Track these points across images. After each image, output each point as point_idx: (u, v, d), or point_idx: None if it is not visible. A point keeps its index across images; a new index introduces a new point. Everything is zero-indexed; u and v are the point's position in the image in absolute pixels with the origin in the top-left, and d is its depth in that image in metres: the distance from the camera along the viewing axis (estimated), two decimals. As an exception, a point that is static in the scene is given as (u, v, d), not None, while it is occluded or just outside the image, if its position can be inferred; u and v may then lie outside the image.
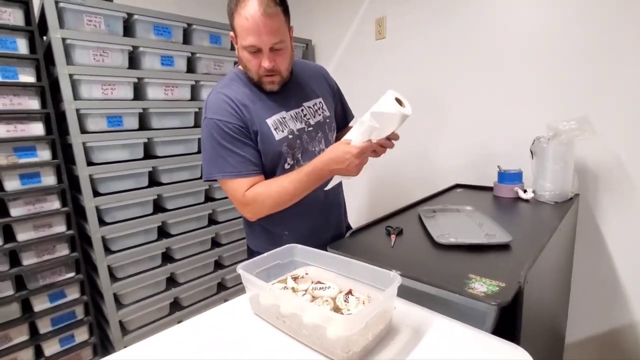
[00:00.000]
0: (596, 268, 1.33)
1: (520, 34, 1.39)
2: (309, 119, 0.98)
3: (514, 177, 1.27)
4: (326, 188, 0.94)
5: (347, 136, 0.84)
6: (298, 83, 1.00)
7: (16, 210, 1.30)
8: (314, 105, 1.00)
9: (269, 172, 0.94)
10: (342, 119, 1.15)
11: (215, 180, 0.92)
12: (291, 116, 0.95)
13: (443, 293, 0.65)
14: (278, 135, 0.91)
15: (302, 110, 0.97)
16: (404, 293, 0.69)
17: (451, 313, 0.65)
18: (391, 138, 0.86)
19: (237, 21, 0.83)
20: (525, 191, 1.24)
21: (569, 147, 1.15)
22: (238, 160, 0.88)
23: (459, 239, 0.86)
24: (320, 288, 0.67)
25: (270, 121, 0.91)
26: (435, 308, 0.67)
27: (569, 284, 1.38)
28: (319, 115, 1.00)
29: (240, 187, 0.89)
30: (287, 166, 0.94)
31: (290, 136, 0.93)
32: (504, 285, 0.64)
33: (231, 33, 0.89)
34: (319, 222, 1.03)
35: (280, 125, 0.93)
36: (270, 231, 1.02)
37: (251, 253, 1.08)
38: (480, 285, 0.64)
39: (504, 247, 0.82)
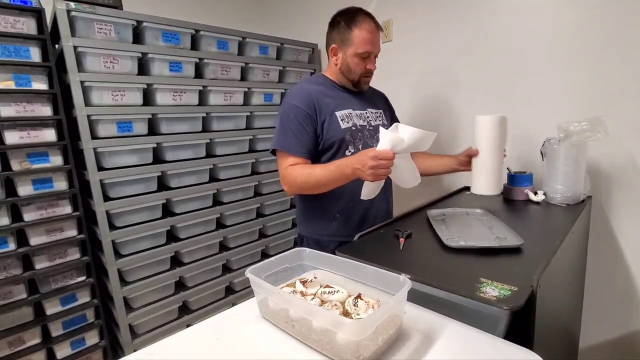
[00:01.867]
0: (610, 271, 1.30)
1: (530, 34, 1.38)
2: (370, 120, 1.20)
3: (525, 179, 1.25)
4: (362, 197, 1.01)
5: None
6: (368, 93, 1.26)
7: (29, 215, 1.32)
8: (375, 112, 1.24)
9: (333, 155, 1.13)
10: None
11: (274, 151, 1.13)
12: (357, 114, 1.17)
13: (454, 297, 0.65)
14: (344, 125, 1.13)
15: (366, 112, 1.20)
16: (414, 297, 0.68)
17: (462, 318, 0.64)
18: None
19: (356, 33, 1.09)
20: (536, 193, 1.23)
21: (580, 149, 1.13)
22: (293, 141, 1.09)
23: (469, 242, 0.85)
24: (329, 292, 0.67)
25: (339, 113, 1.13)
26: (445, 312, 0.66)
27: (582, 288, 1.35)
28: (379, 120, 1.23)
29: (285, 162, 1.09)
30: (348, 153, 1.13)
31: (354, 128, 1.15)
32: (516, 289, 0.63)
33: (333, 45, 1.15)
34: (365, 211, 1.18)
35: (346, 117, 1.14)
36: (322, 216, 1.19)
37: (301, 241, 1.26)
38: (492, 290, 0.63)
39: (515, 251, 0.81)
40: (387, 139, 0.87)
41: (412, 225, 1.06)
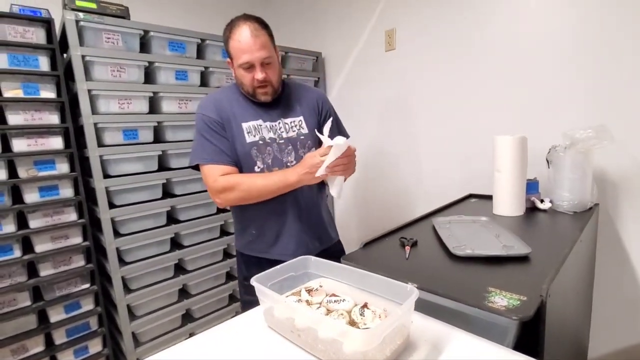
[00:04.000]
0: (619, 280, 1.28)
1: (534, 42, 1.38)
2: (282, 132, 1.09)
3: (531, 187, 1.24)
4: (335, 196, 0.99)
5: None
6: (285, 101, 1.13)
7: (35, 222, 1.33)
8: (291, 122, 1.11)
9: (242, 171, 1.05)
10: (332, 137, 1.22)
11: (197, 167, 1.05)
12: (267, 126, 1.07)
13: (462, 307, 0.64)
14: (249, 139, 1.04)
15: (279, 124, 1.09)
16: (421, 307, 0.68)
17: (470, 328, 0.63)
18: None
19: (231, 45, 1.00)
20: (542, 201, 1.22)
21: (586, 156, 1.13)
22: (213, 150, 1.02)
23: (476, 250, 0.84)
24: (335, 301, 0.66)
25: (245, 125, 1.05)
26: (453, 322, 0.65)
27: (590, 297, 1.33)
28: (293, 131, 1.11)
29: (212, 173, 1.01)
30: (257, 169, 1.06)
31: (261, 142, 1.05)
32: (525, 299, 0.62)
33: (227, 59, 1.06)
34: (287, 229, 1.10)
35: (253, 130, 1.05)
36: (244, 230, 1.13)
37: (238, 255, 1.18)
38: (501, 299, 0.62)
39: (523, 259, 0.80)
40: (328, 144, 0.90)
41: (418, 233, 1.05)
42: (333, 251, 1.18)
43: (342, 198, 0.97)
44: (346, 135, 1.18)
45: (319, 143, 1.10)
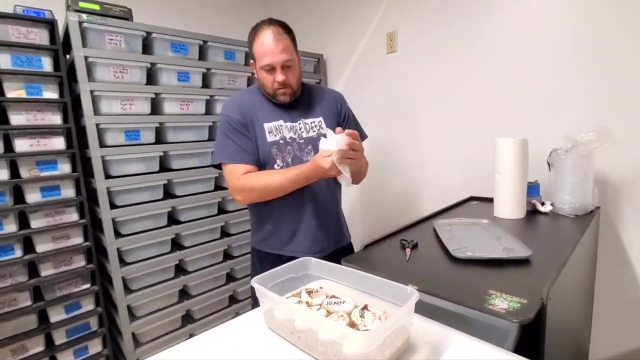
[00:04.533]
0: (620, 283, 1.28)
1: (534, 43, 1.38)
2: (302, 132, 1.13)
3: (532, 190, 1.24)
4: (346, 185, 1.00)
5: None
6: (305, 102, 1.17)
7: (36, 222, 1.33)
8: (311, 123, 1.15)
9: (263, 169, 1.09)
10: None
11: (219, 166, 1.10)
12: (288, 126, 1.11)
13: (462, 309, 0.64)
14: (270, 138, 1.08)
15: (299, 124, 1.13)
16: (421, 309, 0.68)
17: (471, 330, 0.63)
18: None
19: (255, 47, 1.04)
20: (543, 204, 1.22)
21: (588, 159, 1.13)
22: (236, 149, 1.06)
23: (477, 253, 0.84)
24: (335, 303, 0.66)
25: (267, 125, 1.09)
26: (454, 325, 0.65)
27: (591, 301, 1.33)
28: (313, 131, 1.14)
29: (235, 172, 1.05)
30: (277, 167, 1.09)
31: (281, 141, 1.09)
32: (525, 302, 0.62)
33: (251, 61, 1.10)
34: (303, 227, 1.12)
35: (274, 130, 1.09)
36: (260, 226, 1.16)
37: (253, 251, 1.21)
38: (501, 302, 0.62)
39: (523, 262, 0.80)
40: (333, 140, 0.91)
41: (418, 235, 1.05)
42: (346, 252, 1.19)
43: (350, 186, 1.01)
44: (363, 134, 1.24)
45: None
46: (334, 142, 0.90)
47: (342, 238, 1.22)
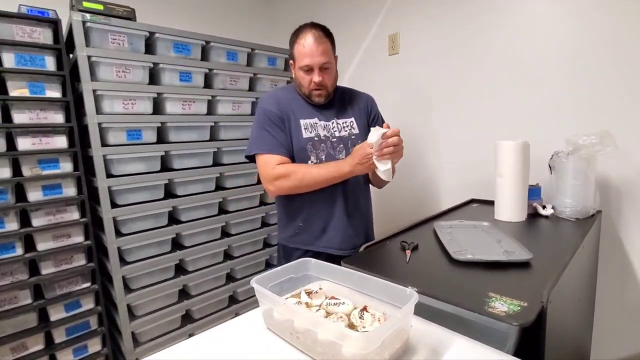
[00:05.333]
0: (621, 287, 1.27)
1: (537, 47, 1.38)
2: (335, 131, 1.18)
3: (533, 193, 1.24)
4: (385, 178, 1.02)
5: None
6: (338, 103, 1.22)
7: (37, 221, 1.33)
8: (343, 123, 1.20)
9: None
10: None
11: (253, 158, 1.14)
12: (322, 125, 1.16)
13: (462, 312, 0.63)
14: (306, 134, 1.13)
15: (332, 123, 1.18)
16: (421, 311, 0.67)
17: (470, 333, 0.63)
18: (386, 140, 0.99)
19: (296, 48, 1.11)
20: (544, 207, 1.21)
21: (589, 162, 1.12)
22: (272, 141, 1.10)
23: (477, 255, 0.84)
24: (334, 304, 0.66)
25: (303, 122, 1.14)
26: (453, 327, 0.65)
27: (592, 304, 1.32)
28: (345, 131, 1.19)
29: (270, 162, 1.09)
30: (310, 163, 1.13)
31: (316, 138, 1.14)
32: (525, 305, 0.62)
33: (290, 61, 1.17)
34: (333, 223, 1.15)
35: (310, 127, 1.14)
36: (290, 222, 1.19)
37: (280, 247, 1.25)
38: (501, 305, 0.62)
39: (524, 265, 0.80)
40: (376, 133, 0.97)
41: (419, 237, 1.05)
42: None
43: (392, 179, 1.05)
44: None
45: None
46: (375, 135, 0.96)
47: (371, 237, 1.27)
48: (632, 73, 1.18)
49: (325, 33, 1.11)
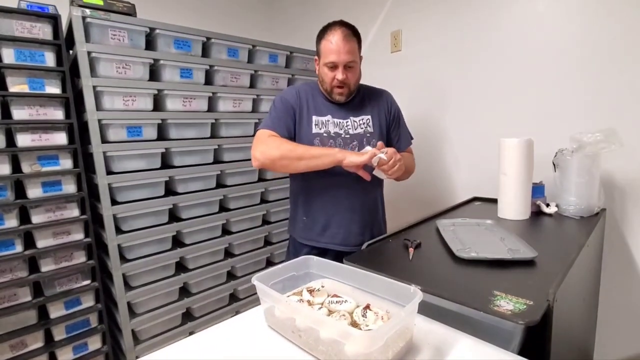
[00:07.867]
0: (625, 286, 1.26)
1: (540, 44, 1.37)
2: (349, 129, 1.18)
3: (536, 191, 1.23)
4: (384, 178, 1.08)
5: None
6: (357, 101, 1.23)
7: (37, 218, 1.33)
8: (359, 120, 1.21)
9: None
10: (396, 137, 1.30)
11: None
12: (334, 122, 1.17)
13: (466, 310, 0.62)
14: (315, 130, 1.15)
15: (347, 121, 1.19)
16: (424, 309, 0.66)
17: (475, 332, 0.62)
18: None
19: (323, 44, 1.12)
20: (548, 205, 1.20)
21: (594, 160, 1.11)
22: (276, 122, 1.13)
23: (481, 253, 0.83)
24: (336, 302, 0.65)
25: (315, 118, 1.16)
26: (457, 326, 0.64)
27: (596, 303, 1.31)
28: (361, 128, 1.20)
29: (265, 133, 1.10)
30: None
31: (325, 135, 1.15)
32: (531, 304, 0.61)
33: (315, 57, 1.19)
34: (336, 219, 1.16)
35: (321, 124, 1.16)
36: (296, 215, 1.22)
37: (290, 240, 1.29)
38: (507, 303, 0.61)
39: (528, 263, 0.79)
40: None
41: (421, 235, 1.04)
42: None
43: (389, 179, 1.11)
44: (408, 136, 1.33)
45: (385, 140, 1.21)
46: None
47: (380, 234, 1.21)
48: (637, 71, 1.16)
49: (354, 32, 1.12)
